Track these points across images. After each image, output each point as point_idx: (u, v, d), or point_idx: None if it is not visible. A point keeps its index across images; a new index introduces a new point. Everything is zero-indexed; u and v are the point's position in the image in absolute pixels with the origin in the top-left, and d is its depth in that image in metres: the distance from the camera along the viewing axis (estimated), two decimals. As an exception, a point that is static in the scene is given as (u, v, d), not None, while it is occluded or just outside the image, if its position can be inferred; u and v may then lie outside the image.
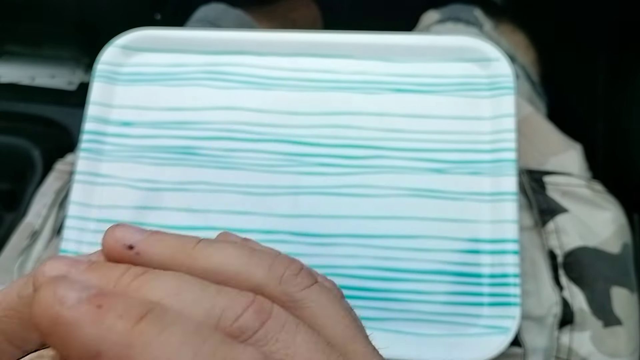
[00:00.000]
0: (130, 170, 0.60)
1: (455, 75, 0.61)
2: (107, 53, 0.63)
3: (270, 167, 0.59)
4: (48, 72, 0.93)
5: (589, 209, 0.58)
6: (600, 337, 0.53)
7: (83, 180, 0.59)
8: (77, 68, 0.93)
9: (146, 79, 0.63)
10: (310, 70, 0.62)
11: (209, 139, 0.60)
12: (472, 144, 0.58)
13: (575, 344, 0.53)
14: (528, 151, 0.61)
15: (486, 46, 0.61)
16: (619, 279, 0.55)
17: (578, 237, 0.56)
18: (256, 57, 0.63)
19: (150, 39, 0.64)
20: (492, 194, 0.56)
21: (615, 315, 0.54)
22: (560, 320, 0.54)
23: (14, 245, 0.61)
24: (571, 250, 0.56)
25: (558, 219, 0.57)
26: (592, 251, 0.56)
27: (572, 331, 0.54)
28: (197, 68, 0.63)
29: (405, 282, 0.54)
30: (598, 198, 0.58)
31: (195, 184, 0.59)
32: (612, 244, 0.56)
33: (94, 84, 0.62)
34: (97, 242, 0.64)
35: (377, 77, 0.61)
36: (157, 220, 0.59)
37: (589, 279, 0.55)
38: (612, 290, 0.55)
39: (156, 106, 0.62)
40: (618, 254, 0.56)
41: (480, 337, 0.53)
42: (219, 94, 0.62)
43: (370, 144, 0.59)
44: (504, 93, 0.59)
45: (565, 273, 0.56)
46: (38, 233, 0.61)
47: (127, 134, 0.61)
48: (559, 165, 0.61)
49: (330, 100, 0.61)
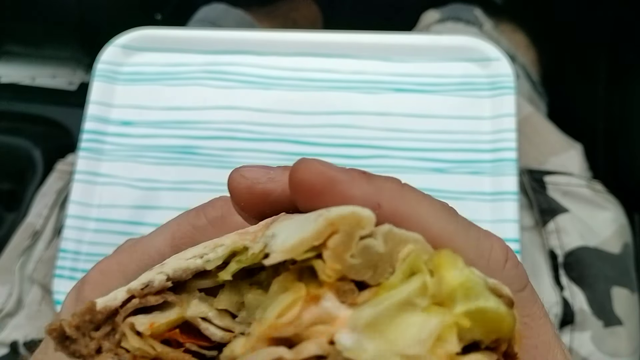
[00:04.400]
0: (131, 169, 0.60)
1: (456, 75, 0.61)
2: (107, 52, 0.63)
3: (270, 167, 0.59)
4: (48, 72, 0.93)
5: (590, 208, 0.58)
6: (600, 337, 0.53)
7: (83, 180, 0.59)
8: (77, 68, 0.93)
9: (146, 78, 0.63)
10: (311, 70, 0.62)
11: (209, 139, 0.60)
12: (473, 143, 0.58)
13: (575, 344, 0.53)
14: (528, 151, 0.61)
15: (486, 46, 0.61)
16: (619, 279, 0.55)
17: (578, 237, 0.56)
18: (256, 57, 0.63)
19: (150, 39, 0.64)
20: (492, 193, 0.56)
21: (616, 315, 0.54)
22: (561, 320, 0.54)
23: (15, 245, 0.61)
24: (572, 250, 0.56)
25: (559, 218, 0.57)
26: (593, 251, 0.56)
27: (572, 331, 0.54)
28: (198, 68, 0.63)
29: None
30: (598, 198, 0.58)
31: (195, 184, 0.59)
32: (613, 243, 0.56)
33: (94, 83, 0.63)
34: (97, 241, 0.64)
35: (377, 76, 0.61)
36: (157, 220, 0.59)
37: (590, 279, 0.55)
38: (612, 290, 0.55)
39: (156, 106, 0.62)
40: (619, 254, 0.56)
41: (480, 337, 0.53)
42: (220, 94, 0.62)
43: (370, 143, 0.59)
44: (504, 93, 0.59)
45: (566, 273, 0.56)
46: (39, 233, 0.61)
47: (127, 133, 0.62)
48: (560, 165, 0.61)
49: (330, 99, 0.61)
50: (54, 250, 0.59)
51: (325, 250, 0.16)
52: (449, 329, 0.16)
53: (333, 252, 0.16)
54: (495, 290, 0.17)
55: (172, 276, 0.19)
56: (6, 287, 0.59)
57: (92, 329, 0.18)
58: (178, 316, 0.19)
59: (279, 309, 0.16)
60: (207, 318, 0.19)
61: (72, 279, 0.57)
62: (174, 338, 0.19)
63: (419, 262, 0.17)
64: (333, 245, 0.16)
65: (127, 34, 0.64)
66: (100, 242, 0.58)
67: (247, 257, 0.18)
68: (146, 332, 0.18)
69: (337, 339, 0.15)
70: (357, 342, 0.15)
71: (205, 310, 0.19)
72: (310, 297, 0.16)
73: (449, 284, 0.16)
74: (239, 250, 0.19)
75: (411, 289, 0.16)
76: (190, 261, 0.19)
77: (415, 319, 0.16)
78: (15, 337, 0.56)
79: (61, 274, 0.57)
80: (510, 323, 0.17)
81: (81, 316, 0.18)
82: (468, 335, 0.16)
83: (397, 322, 0.16)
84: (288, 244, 0.17)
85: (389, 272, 0.17)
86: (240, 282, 0.19)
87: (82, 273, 0.59)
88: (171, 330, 0.19)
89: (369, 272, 0.17)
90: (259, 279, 0.19)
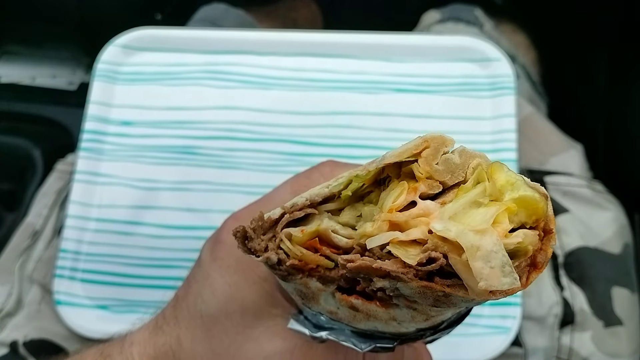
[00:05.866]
0: (131, 169, 0.60)
1: (456, 75, 0.61)
2: (108, 52, 0.63)
3: (270, 167, 0.60)
4: (48, 72, 0.93)
5: (590, 209, 0.58)
6: (601, 337, 0.53)
7: (83, 180, 0.59)
8: (77, 68, 0.93)
9: (146, 78, 0.63)
10: (311, 70, 0.62)
11: (209, 139, 0.60)
12: (473, 144, 0.58)
13: (576, 344, 0.53)
14: (529, 151, 0.61)
15: (487, 46, 0.61)
16: (619, 279, 0.55)
17: (579, 237, 0.56)
18: (256, 57, 0.63)
19: (150, 39, 0.64)
20: (492, 193, 0.56)
21: (616, 315, 0.54)
22: (561, 320, 0.54)
23: (15, 245, 0.61)
24: (572, 250, 0.56)
25: (559, 219, 0.57)
26: (593, 251, 0.56)
27: (572, 331, 0.54)
28: (198, 67, 0.63)
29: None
30: (599, 198, 0.58)
31: (195, 184, 0.59)
32: (613, 244, 0.56)
33: (94, 83, 0.63)
34: (98, 241, 0.64)
35: (377, 77, 0.61)
36: (157, 220, 0.59)
37: (590, 279, 0.55)
38: (612, 291, 0.55)
39: (156, 105, 0.62)
40: (619, 254, 0.56)
41: (480, 337, 0.53)
42: (220, 94, 0.62)
43: (370, 143, 0.59)
44: (504, 93, 0.59)
45: (566, 273, 0.56)
46: (39, 233, 0.61)
47: (127, 133, 0.62)
48: (560, 165, 0.61)
49: (330, 100, 0.61)
50: (53, 250, 0.59)
51: (420, 158, 0.25)
52: (502, 214, 0.23)
53: (425, 159, 0.25)
54: (532, 187, 0.23)
55: (310, 198, 0.27)
56: (6, 287, 0.59)
57: (262, 234, 0.27)
58: (316, 228, 0.26)
59: (393, 197, 0.24)
60: (335, 230, 0.26)
61: (72, 279, 0.57)
62: (313, 246, 0.26)
63: (482, 174, 0.24)
64: (425, 155, 0.25)
65: (127, 34, 0.64)
66: (100, 242, 0.58)
67: (363, 175, 0.26)
68: (297, 236, 0.26)
69: (432, 226, 0.23)
70: (445, 226, 0.22)
71: (333, 224, 0.26)
72: (411, 188, 0.24)
73: (499, 183, 0.24)
74: (353, 177, 0.26)
75: (477, 192, 0.24)
76: (320, 189, 0.27)
77: (481, 210, 0.23)
78: (14, 337, 0.56)
79: (61, 274, 0.57)
80: (544, 207, 0.23)
81: (256, 222, 0.27)
82: (516, 219, 0.23)
83: (469, 213, 0.23)
84: (396, 152, 0.25)
85: (462, 176, 0.25)
86: (356, 204, 0.27)
87: (82, 273, 0.60)
88: (311, 239, 0.26)
89: (448, 175, 0.25)
90: (370, 199, 0.27)
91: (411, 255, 0.23)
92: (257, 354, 0.34)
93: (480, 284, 0.22)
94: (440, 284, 0.23)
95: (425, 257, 0.23)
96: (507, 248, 0.22)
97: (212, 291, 0.35)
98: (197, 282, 0.36)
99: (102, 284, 0.57)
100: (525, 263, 0.24)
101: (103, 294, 0.57)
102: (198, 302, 0.35)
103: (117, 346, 0.37)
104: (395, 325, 0.29)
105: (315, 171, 0.36)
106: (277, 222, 0.27)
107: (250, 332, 0.34)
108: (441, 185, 0.25)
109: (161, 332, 0.36)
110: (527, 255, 0.23)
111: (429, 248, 0.23)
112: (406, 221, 0.24)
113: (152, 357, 0.36)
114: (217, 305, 0.34)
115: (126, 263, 0.57)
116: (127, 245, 0.57)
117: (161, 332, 0.36)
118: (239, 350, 0.34)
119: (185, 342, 0.35)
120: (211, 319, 0.34)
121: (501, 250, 0.22)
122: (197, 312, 0.35)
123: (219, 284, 0.34)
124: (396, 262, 0.23)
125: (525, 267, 0.24)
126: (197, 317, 0.35)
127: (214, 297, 0.34)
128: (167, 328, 0.36)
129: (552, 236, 0.24)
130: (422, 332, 0.31)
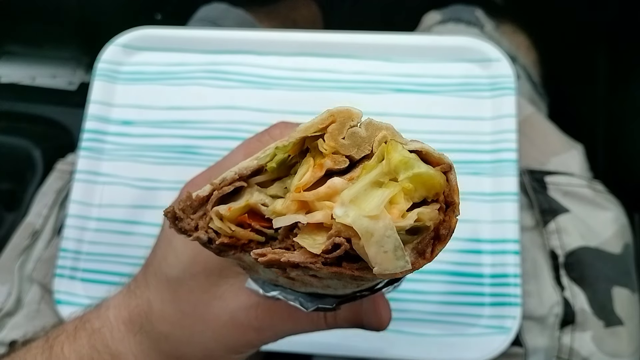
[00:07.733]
0: (131, 169, 0.60)
1: (456, 76, 0.61)
2: (108, 52, 0.63)
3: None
4: (49, 72, 0.93)
5: (590, 209, 0.58)
6: (601, 337, 0.53)
7: (83, 179, 0.59)
8: (77, 68, 0.93)
9: (147, 78, 0.63)
10: (311, 70, 0.62)
11: (210, 139, 0.60)
12: (473, 144, 0.58)
13: (576, 344, 0.53)
14: (529, 151, 0.61)
15: (487, 47, 0.61)
16: (620, 279, 0.55)
17: (579, 237, 0.56)
18: (257, 57, 0.63)
19: (151, 38, 0.64)
20: (492, 194, 0.56)
21: (617, 315, 0.54)
22: (562, 320, 0.54)
23: (15, 245, 0.61)
24: (572, 250, 0.56)
25: (559, 219, 0.57)
26: (594, 251, 0.56)
27: (573, 331, 0.54)
28: (198, 67, 0.63)
29: (406, 282, 0.54)
30: (599, 198, 0.58)
31: (195, 184, 0.59)
32: (614, 244, 0.56)
33: (95, 82, 0.63)
34: (98, 240, 0.65)
35: (377, 77, 0.61)
36: (158, 219, 0.59)
37: (590, 279, 0.55)
38: (613, 291, 0.55)
39: (157, 105, 0.62)
40: (619, 254, 0.56)
41: (481, 337, 0.53)
42: (220, 93, 0.62)
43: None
44: (505, 93, 0.59)
45: (567, 273, 0.56)
46: (39, 233, 0.61)
47: (128, 132, 0.61)
48: (560, 165, 0.61)
49: (330, 99, 0.61)
50: (53, 250, 0.59)
51: (326, 133, 0.25)
52: (399, 194, 0.23)
53: (331, 134, 0.25)
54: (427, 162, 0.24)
55: (238, 172, 0.26)
56: (6, 286, 0.59)
57: (192, 213, 0.26)
58: (246, 203, 0.26)
59: (299, 175, 0.25)
60: (265, 203, 0.26)
61: (72, 279, 0.57)
62: (244, 221, 0.26)
63: (383, 150, 0.24)
64: (331, 130, 0.25)
65: (128, 34, 0.64)
66: (100, 242, 0.58)
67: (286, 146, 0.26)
68: (226, 214, 0.26)
69: (333, 212, 0.23)
70: (344, 212, 0.23)
71: (263, 198, 0.26)
72: (317, 165, 0.25)
73: (393, 162, 0.24)
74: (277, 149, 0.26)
75: (377, 172, 0.24)
76: (249, 161, 0.26)
77: (378, 192, 0.23)
78: (14, 336, 0.56)
79: (62, 274, 0.57)
80: (441, 181, 0.24)
81: (184, 202, 0.26)
82: (416, 195, 0.24)
83: (368, 196, 0.23)
84: (304, 126, 0.25)
85: (368, 149, 0.25)
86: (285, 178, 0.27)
87: (82, 272, 0.60)
88: (241, 215, 0.26)
89: (354, 149, 0.25)
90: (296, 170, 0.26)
91: (317, 244, 0.23)
92: (223, 311, 0.36)
93: (375, 269, 0.22)
94: (349, 268, 0.23)
95: (330, 244, 0.23)
96: (404, 228, 0.23)
97: (176, 255, 0.36)
98: (160, 248, 0.38)
99: (102, 283, 0.57)
100: (429, 237, 0.24)
101: (103, 294, 0.56)
102: (163, 266, 0.37)
103: (95, 311, 0.39)
104: (332, 290, 0.30)
105: (265, 134, 0.37)
106: (207, 199, 0.26)
107: (215, 290, 0.36)
108: (348, 160, 0.25)
109: (134, 296, 0.38)
110: (429, 231, 0.24)
111: (332, 234, 0.23)
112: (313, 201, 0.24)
113: (126, 319, 0.38)
114: (182, 268, 0.36)
115: (127, 262, 0.57)
116: (127, 244, 0.57)
117: (134, 295, 0.38)
118: (206, 308, 0.36)
119: (155, 304, 0.37)
120: (177, 281, 0.36)
121: (393, 234, 0.22)
122: (163, 275, 0.37)
123: (182, 248, 0.36)
124: (304, 252, 0.23)
125: (429, 241, 0.24)
126: (164, 280, 0.37)
127: (178, 260, 0.36)
128: (139, 291, 0.38)
129: (455, 207, 0.24)
130: (358, 294, 0.33)
